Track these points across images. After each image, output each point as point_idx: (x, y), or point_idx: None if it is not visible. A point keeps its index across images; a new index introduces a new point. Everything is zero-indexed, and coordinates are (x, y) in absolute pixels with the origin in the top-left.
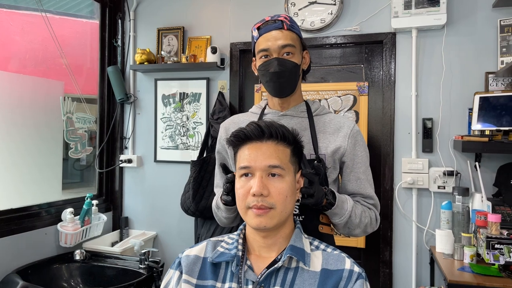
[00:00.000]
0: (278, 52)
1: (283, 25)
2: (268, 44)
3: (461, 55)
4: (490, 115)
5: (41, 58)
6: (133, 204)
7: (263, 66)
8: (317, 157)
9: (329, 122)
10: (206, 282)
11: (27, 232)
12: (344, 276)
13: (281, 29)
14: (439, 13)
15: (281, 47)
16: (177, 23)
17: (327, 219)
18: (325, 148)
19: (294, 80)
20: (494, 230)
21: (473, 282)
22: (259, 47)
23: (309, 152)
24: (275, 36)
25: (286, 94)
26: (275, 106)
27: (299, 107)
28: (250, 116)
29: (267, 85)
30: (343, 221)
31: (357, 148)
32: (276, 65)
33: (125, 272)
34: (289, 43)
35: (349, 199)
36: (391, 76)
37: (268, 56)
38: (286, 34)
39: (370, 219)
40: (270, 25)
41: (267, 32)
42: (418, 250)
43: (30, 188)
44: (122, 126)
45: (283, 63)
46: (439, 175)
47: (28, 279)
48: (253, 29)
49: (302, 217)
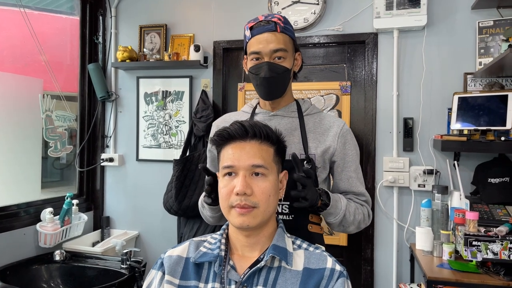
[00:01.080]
0: (270, 56)
1: (276, 27)
2: (260, 47)
3: (441, 56)
4: (469, 115)
5: (20, 54)
6: (115, 204)
7: (254, 69)
8: (307, 157)
9: (319, 121)
10: (189, 282)
11: (5, 233)
12: (325, 275)
13: (274, 32)
14: (419, 14)
15: (273, 51)
16: (159, 21)
17: (316, 219)
18: (315, 148)
19: (284, 84)
20: (472, 227)
21: (452, 279)
22: (250, 49)
23: (299, 152)
24: (267, 39)
25: (275, 98)
26: (266, 106)
27: (289, 107)
28: (241, 115)
29: (257, 88)
30: (338, 220)
31: (347, 147)
32: (267, 70)
33: (106, 273)
34: (281, 48)
35: (342, 198)
36: (373, 76)
37: (259, 59)
38: (279, 37)
39: (363, 216)
40: (263, 26)
41: (260, 33)
42: (399, 247)
43: (8, 187)
44: (104, 124)
45: (274, 68)
46: (419, 174)
47: (6, 280)
48: (246, 27)
49: (291, 216)
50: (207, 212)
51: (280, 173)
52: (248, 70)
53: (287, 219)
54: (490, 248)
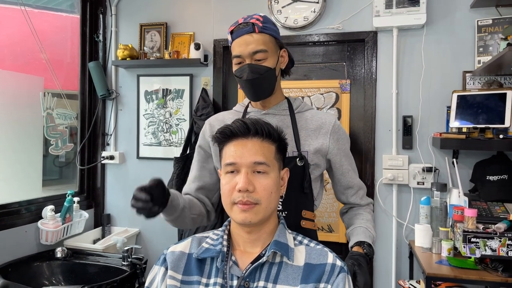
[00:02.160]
0: (250, 58)
1: (254, 28)
2: (240, 50)
3: (440, 54)
4: (467, 113)
5: (20, 52)
6: (116, 201)
7: (238, 72)
8: (300, 154)
9: (310, 118)
10: (192, 277)
11: (7, 230)
12: (326, 270)
13: (252, 33)
14: (419, 12)
15: (252, 53)
16: (160, 19)
17: (310, 215)
18: (308, 145)
19: (269, 83)
20: (470, 224)
21: (450, 275)
22: (232, 53)
23: (292, 150)
24: (246, 41)
25: (263, 98)
26: (257, 105)
27: (280, 105)
28: (234, 114)
29: (244, 90)
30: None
31: (341, 143)
32: (249, 72)
33: (107, 269)
34: (260, 49)
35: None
36: (372, 74)
37: (241, 62)
38: (257, 38)
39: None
40: (242, 29)
41: (238, 37)
42: (398, 244)
43: (10, 185)
44: (104, 122)
45: (255, 69)
46: (419, 171)
47: (8, 277)
48: (228, 32)
49: (285, 213)
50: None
51: (282, 170)
52: (234, 72)
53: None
54: (489, 244)
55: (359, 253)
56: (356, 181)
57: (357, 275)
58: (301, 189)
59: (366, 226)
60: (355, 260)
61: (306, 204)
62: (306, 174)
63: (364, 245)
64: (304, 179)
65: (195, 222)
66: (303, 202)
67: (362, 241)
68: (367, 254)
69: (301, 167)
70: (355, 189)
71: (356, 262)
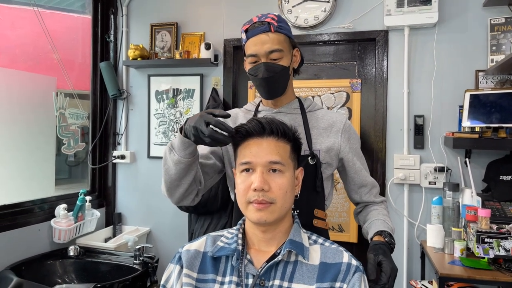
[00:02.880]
0: (266, 57)
1: (270, 27)
2: (255, 49)
3: (452, 53)
4: (480, 112)
5: (33, 53)
6: (126, 200)
7: (252, 71)
8: (311, 153)
9: (321, 117)
10: (207, 276)
11: (20, 228)
12: (342, 269)
13: (268, 32)
14: (431, 11)
15: (268, 52)
16: (170, 19)
17: (322, 214)
18: (319, 143)
19: (283, 82)
20: (484, 224)
21: (464, 275)
22: (247, 51)
23: (304, 148)
24: (262, 41)
25: (277, 96)
26: (269, 103)
27: (292, 104)
28: (245, 113)
29: (257, 89)
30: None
31: (352, 141)
32: (264, 70)
33: (119, 268)
34: (276, 48)
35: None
36: (383, 73)
37: (256, 61)
38: (273, 37)
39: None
40: (257, 28)
41: (254, 35)
42: (409, 244)
43: (23, 184)
44: (115, 122)
45: (271, 68)
46: (430, 171)
47: (22, 275)
48: (241, 30)
49: (297, 211)
50: (173, 156)
51: (296, 170)
52: (248, 72)
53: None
54: (502, 245)
55: (381, 242)
56: (370, 180)
57: (383, 262)
58: (313, 187)
59: (383, 219)
60: (378, 249)
61: (318, 203)
62: (318, 172)
63: (385, 233)
64: (316, 178)
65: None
66: (315, 200)
67: (382, 230)
68: (389, 242)
69: (313, 166)
70: (369, 188)
71: (380, 250)
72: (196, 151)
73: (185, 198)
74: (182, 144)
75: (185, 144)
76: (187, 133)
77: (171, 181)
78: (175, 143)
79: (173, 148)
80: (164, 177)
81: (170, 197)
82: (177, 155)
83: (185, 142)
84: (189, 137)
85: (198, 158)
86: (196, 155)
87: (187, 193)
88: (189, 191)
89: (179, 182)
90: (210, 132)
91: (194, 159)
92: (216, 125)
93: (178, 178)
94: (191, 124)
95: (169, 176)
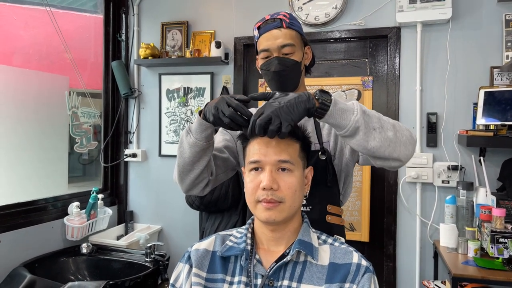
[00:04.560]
0: (278, 51)
1: (282, 23)
2: (268, 43)
3: (466, 50)
4: (495, 110)
5: (46, 52)
6: (138, 198)
7: (265, 66)
8: (322, 147)
9: None
10: (216, 275)
11: (34, 226)
12: (351, 270)
13: (280, 28)
14: (444, 7)
15: (281, 47)
16: (181, 18)
17: (335, 209)
18: (327, 135)
19: (295, 77)
20: (498, 224)
21: (478, 276)
22: (260, 47)
23: (314, 142)
24: (274, 36)
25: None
26: None
27: None
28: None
29: (270, 84)
30: (359, 116)
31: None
32: (277, 64)
33: (131, 265)
34: (289, 43)
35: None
36: (395, 70)
37: (269, 56)
38: (285, 32)
39: (393, 121)
40: (270, 24)
41: (267, 31)
42: (422, 244)
43: (37, 182)
44: (127, 120)
45: (283, 62)
46: (444, 170)
47: (35, 272)
48: (254, 28)
49: (309, 207)
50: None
51: (306, 169)
52: (260, 67)
53: (305, 210)
54: None
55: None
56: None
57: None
58: (324, 183)
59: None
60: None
61: (331, 198)
62: (329, 167)
63: (317, 93)
64: (327, 173)
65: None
66: (327, 196)
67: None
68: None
69: (324, 161)
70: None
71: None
72: (212, 137)
73: (195, 185)
74: (199, 126)
75: (203, 127)
76: (207, 114)
77: (184, 164)
78: (192, 126)
79: (190, 131)
80: (178, 160)
81: (180, 183)
82: (193, 138)
83: (203, 124)
84: (208, 118)
85: (213, 145)
86: (212, 141)
87: (198, 180)
88: (200, 179)
89: (191, 166)
90: (230, 113)
91: (208, 144)
92: (237, 108)
93: (191, 162)
94: (212, 105)
95: (182, 159)
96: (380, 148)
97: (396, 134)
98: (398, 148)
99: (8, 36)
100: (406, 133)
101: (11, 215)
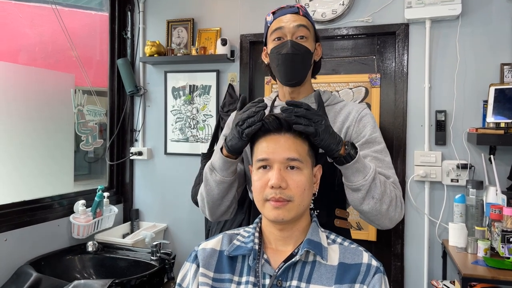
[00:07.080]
0: (292, 34)
1: (299, 10)
2: (282, 24)
3: (476, 46)
4: (506, 107)
5: (51, 50)
6: (144, 197)
7: (276, 49)
8: None
9: (339, 110)
10: (223, 275)
11: (39, 224)
12: (362, 270)
13: (297, 13)
14: (454, 3)
15: (296, 27)
16: (186, 15)
17: (343, 213)
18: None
19: (305, 66)
20: (509, 223)
21: (488, 276)
22: (272, 28)
23: None
24: (290, 18)
25: (296, 80)
26: (286, 97)
27: (309, 98)
28: None
29: (278, 69)
30: (367, 182)
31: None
32: (290, 46)
33: (137, 264)
34: (304, 24)
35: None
36: (403, 67)
37: (281, 39)
38: (301, 17)
39: (395, 196)
40: (286, 9)
41: (282, 15)
42: (430, 243)
43: (43, 180)
44: (132, 118)
45: (296, 45)
46: (453, 168)
47: (41, 270)
48: (268, 14)
49: (317, 211)
50: (215, 176)
51: (314, 167)
52: (269, 52)
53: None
54: None
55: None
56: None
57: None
58: (332, 186)
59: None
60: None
61: (338, 201)
62: (337, 171)
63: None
64: (335, 176)
65: (232, 200)
66: (335, 199)
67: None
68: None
69: (331, 164)
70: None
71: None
72: (236, 170)
73: (225, 214)
74: (224, 163)
75: (228, 164)
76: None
77: (213, 201)
78: (215, 164)
79: (214, 169)
80: (206, 198)
81: (211, 216)
82: (219, 175)
83: (228, 161)
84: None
85: (237, 176)
86: (237, 173)
87: (228, 209)
88: (230, 207)
89: (221, 201)
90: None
91: (235, 177)
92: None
93: (220, 197)
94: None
95: (211, 197)
96: (368, 213)
97: (388, 209)
98: (383, 220)
99: (14, 34)
100: (397, 211)
101: (17, 213)
